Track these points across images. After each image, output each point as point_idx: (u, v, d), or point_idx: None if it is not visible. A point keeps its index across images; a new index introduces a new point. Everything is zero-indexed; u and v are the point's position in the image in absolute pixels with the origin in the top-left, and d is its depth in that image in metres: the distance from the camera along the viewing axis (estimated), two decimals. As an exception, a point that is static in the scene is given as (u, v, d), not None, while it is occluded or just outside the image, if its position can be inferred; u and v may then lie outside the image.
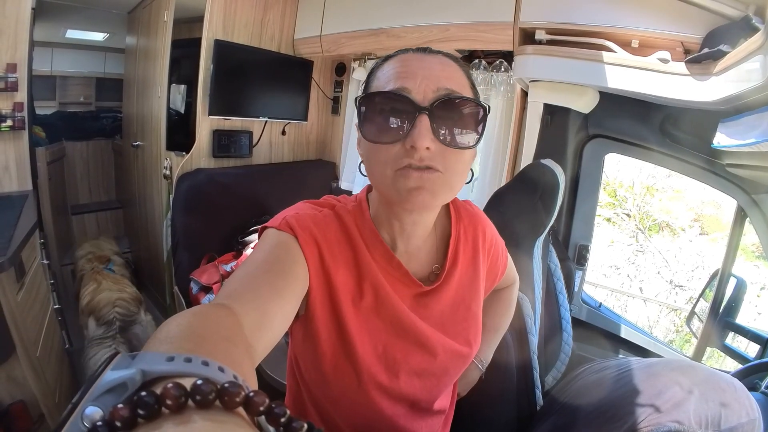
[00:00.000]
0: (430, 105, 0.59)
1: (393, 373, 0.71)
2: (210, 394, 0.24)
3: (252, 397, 0.25)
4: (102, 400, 0.25)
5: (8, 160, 1.94)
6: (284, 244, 0.62)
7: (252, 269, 0.57)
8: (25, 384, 1.52)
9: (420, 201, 0.60)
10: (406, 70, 0.61)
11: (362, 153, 0.67)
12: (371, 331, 0.69)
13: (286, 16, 2.59)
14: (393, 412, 0.74)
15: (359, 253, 0.69)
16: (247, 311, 0.48)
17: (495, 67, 1.98)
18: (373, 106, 0.61)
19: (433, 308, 0.74)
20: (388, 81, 0.61)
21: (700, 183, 1.62)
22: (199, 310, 0.44)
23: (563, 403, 1.06)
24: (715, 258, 4.67)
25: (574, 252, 1.90)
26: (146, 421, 0.23)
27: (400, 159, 0.59)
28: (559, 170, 1.31)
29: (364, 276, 0.69)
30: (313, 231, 0.65)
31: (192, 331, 0.37)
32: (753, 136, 1.07)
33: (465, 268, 0.78)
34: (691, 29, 1.31)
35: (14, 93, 1.90)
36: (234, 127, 2.51)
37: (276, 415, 0.26)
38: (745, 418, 0.77)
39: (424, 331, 0.72)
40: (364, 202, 0.73)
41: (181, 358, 0.28)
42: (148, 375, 0.27)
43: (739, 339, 1.76)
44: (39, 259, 1.88)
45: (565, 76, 1.51)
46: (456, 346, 0.76)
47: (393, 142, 0.60)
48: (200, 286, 2.08)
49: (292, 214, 0.66)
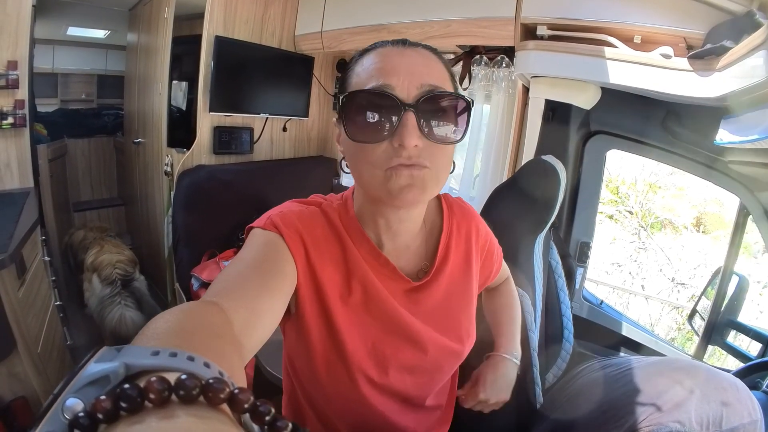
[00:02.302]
0: (415, 102, 0.58)
1: (383, 368, 0.71)
2: (194, 390, 0.24)
3: (237, 395, 0.25)
4: (84, 393, 0.24)
5: (10, 157, 1.95)
6: (271, 242, 0.63)
7: (240, 268, 0.57)
8: (27, 380, 1.52)
9: (410, 198, 0.60)
10: (387, 66, 0.60)
11: (345, 150, 0.66)
12: (360, 327, 0.69)
13: (287, 12, 2.58)
14: (385, 407, 0.74)
15: (347, 249, 0.69)
16: (237, 309, 0.48)
17: (496, 62, 1.97)
18: (356, 105, 0.60)
19: (424, 304, 0.73)
20: (370, 77, 0.60)
21: (703, 180, 1.61)
22: (188, 307, 0.43)
23: (564, 401, 1.06)
24: (718, 256, 4.66)
25: (576, 249, 1.89)
26: (128, 415, 0.23)
27: (389, 158, 0.59)
28: (560, 167, 1.30)
29: (353, 272, 0.69)
30: (299, 228, 0.65)
31: (180, 327, 0.37)
32: (756, 133, 1.06)
33: (457, 263, 0.78)
34: (694, 25, 1.30)
35: (15, 90, 1.91)
36: (235, 123, 2.51)
37: (261, 414, 0.26)
38: (747, 419, 0.77)
39: (414, 327, 0.71)
40: (349, 200, 0.73)
41: (166, 352, 0.27)
42: (131, 369, 0.26)
43: (740, 337, 1.76)
44: (40, 256, 1.89)
45: (567, 72, 1.50)
46: (447, 342, 0.75)
47: (379, 141, 0.59)
48: (201, 283, 2.08)
49: (277, 213, 0.67)
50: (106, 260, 2.53)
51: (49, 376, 1.66)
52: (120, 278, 2.48)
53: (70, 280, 2.89)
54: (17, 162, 1.97)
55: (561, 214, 1.80)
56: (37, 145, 2.32)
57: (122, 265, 2.54)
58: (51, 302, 1.93)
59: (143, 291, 2.60)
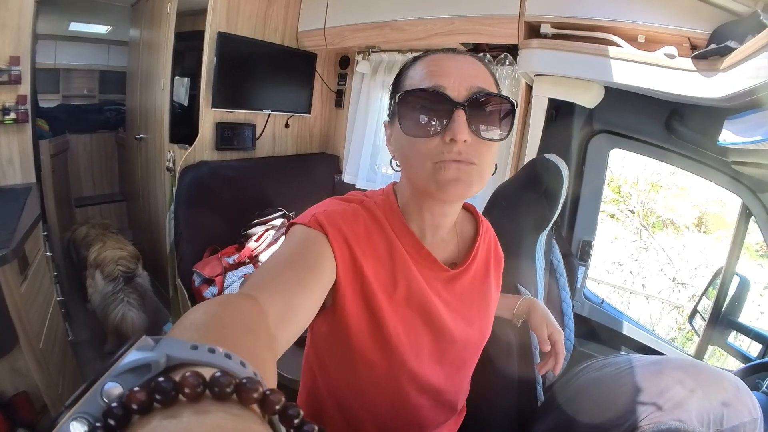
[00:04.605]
0: (465, 101, 0.63)
1: (420, 360, 0.74)
2: (227, 387, 0.24)
3: (269, 396, 0.25)
4: (123, 378, 0.25)
5: (12, 152, 1.95)
6: (312, 239, 0.64)
7: (279, 262, 0.59)
8: (29, 375, 1.53)
9: (457, 192, 0.65)
10: (439, 69, 0.66)
11: (396, 148, 0.71)
12: (404, 320, 0.72)
13: (290, 8, 2.57)
14: (418, 402, 0.77)
15: (392, 243, 0.72)
16: (273, 302, 0.49)
17: (500, 60, 1.96)
18: (411, 103, 0.65)
19: (457, 293, 0.78)
20: (423, 79, 0.65)
21: (705, 180, 1.61)
22: (226, 299, 0.44)
23: (564, 399, 1.06)
24: (720, 257, 4.65)
25: (577, 248, 1.89)
26: (162, 407, 0.23)
27: (440, 152, 0.64)
28: (563, 165, 1.30)
29: (398, 267, 0.72)
30: (342, 228, 0.67)
31: (218, 320, 0.38)
32: (760, 134, 1.06)
33: (480, 265, 0.83)
34: (699, 25, 1.29)
35: (17, 86, 1.90)
36: (237, 119, 2.50)
37: (290, 416, 0.26)
38: (747, 418, 0.77)
39: (446, 317, 0.76)
40: (391, 195, 0.76)
41: (204, 348, 0.28)
42: (171, 360, 0.27)
43: (741, 338, 1.76)
44: (42, 251, 1.89)
45: (571, 71, 1.50)
46: (471, 332, 0.80)
47: (431, 136, 0.64)
48: (203, 279, 2.09)
49: (321, 211, 0.68)
50: (109, 256, 2.55)
51: (50, 371, 1.67)
52: (122, 275, 2.50)
53: (71, 275, 2.90)
54: (19, 157, 1.97)
55: (563, 212, 1.80)
56: (39, 140, 2.32)
57: (124, 262, 2.56)
58: (53, 297, 1.93)
59: (146, 287, 2.62)
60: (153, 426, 0.22)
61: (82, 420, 0.22)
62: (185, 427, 0.22)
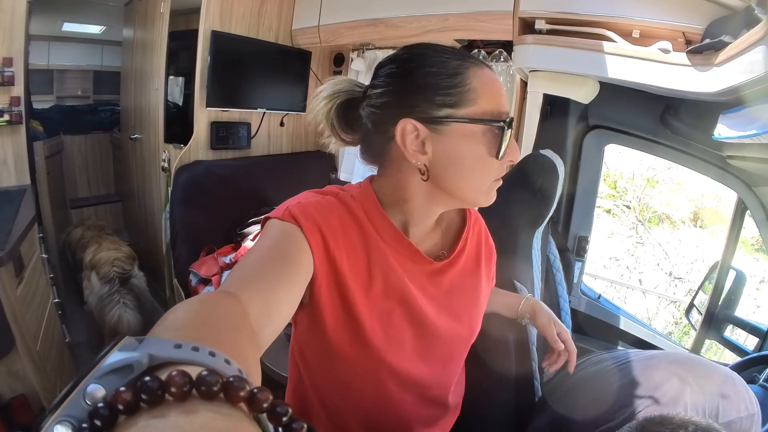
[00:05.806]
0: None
1: (401, 355, 0.73)
2: (215, 386, 0.24)
3: (256, 394, 0.25)
4: (105, 380, 0.24)
5: (6, 154, 1.93)
6: (288, 233, 0.63)
7: (257, 258, 0.58)
8: (26, 378, 1.52)
9: None
10: (501, 92, 0.69)
11: (441, 157, 0.67)
12: (381, 314, 0.71)
13: (284, 6, 2.56)
14: (401, 398, 0.76)
15: (368, 236, 0.71)
16: (253, 299, 0.49)
17: (494, 56, 1.96)
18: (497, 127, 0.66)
19: (442, 286, 0.77)
20: (493, 98, 0.67)
21: (701, 175, 1.61)
22: (206, 298, 0.44)
23: (561, 394, 1.07)
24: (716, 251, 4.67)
25: (574, 243, 1.90)
26: (149, 407, 0.23)
27: (499, 171, 0.70)
28: (558, 161, 1.30)
29: (373, 259, 0.70)
30: (317, 219, 0.65)
31: (199, 319, 0.37)
32: (754, 128, 1.06)
33: (470, 257, 0.82)
34: (693, 19, 1.29)
35: (11, 87, 1.88)
36: (232, 118, 2.49)
37: (278, 414, 0.26)
38: (744, 412, 0.78)
39: (429, 312, 0.74)
40: (369, 188, 0.75)
41: (188, 346, 0.28)
42: (154, 360, 0.26)
43: (737, 332, 1.77)
44: (38, 253, 1.88)
45: (565, 66, 1.50)
46: (458, 327, 0.79)
47: (494, 156, 0.67)
48: (199, 278, 2.08)
49: (295, 204, 0.67)
50: (104, 258, 2.52)
51: (48, 374, 1.66)
52: (118, 276, 2.47)
53: (68, 277, 2.88)
54: (14, 159, 1.95)
55: (559, 208, 1.80)
56: (33, 141, 2.30)
57: (120, 263, 2.53)
58: (49, 299, 1.92)
59: (142, 288, 2.60)
60: (141, 425, 0.22)
61: (65, 423, 0.22)
62: (174, 425, 0.22)
